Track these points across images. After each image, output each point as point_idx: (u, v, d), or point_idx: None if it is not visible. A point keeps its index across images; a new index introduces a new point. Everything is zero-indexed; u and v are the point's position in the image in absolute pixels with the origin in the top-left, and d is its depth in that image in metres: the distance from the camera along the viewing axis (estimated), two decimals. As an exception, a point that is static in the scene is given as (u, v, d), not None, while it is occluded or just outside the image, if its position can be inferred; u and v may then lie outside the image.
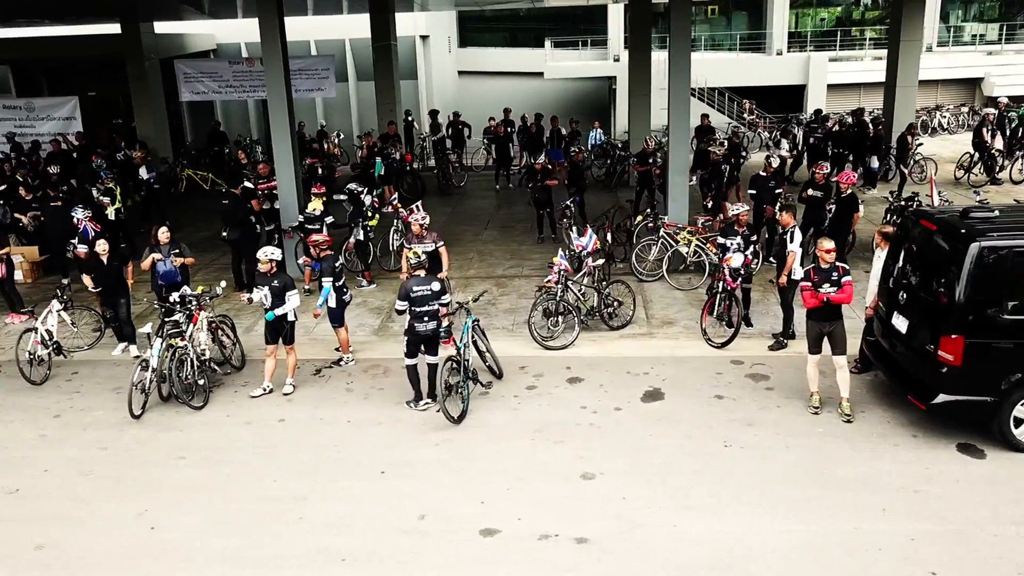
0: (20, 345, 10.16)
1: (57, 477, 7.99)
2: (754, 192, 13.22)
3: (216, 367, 9.95)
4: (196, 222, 17.64)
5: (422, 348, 8.95)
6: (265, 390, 9.61)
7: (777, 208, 11.94)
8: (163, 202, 17.37)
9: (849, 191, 12.04)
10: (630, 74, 20.07)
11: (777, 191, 13.30)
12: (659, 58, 23.12)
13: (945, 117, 27.01)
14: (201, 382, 9.37)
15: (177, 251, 10.92)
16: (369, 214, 13.86)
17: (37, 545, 6.90)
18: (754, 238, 10.84)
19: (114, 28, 21.71)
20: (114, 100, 26.16)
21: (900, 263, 8.71)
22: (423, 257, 9.18)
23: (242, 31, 25.45)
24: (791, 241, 10.13)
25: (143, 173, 16.90)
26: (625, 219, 14.87)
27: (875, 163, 18.38)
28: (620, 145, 21.01)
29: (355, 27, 24.06)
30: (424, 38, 26.61)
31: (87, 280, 10.73)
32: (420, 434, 8.57)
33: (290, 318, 9.47)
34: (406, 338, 8.87)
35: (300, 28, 23.70)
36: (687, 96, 12.98)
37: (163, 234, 10.93)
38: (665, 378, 9.61)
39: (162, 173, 20.11)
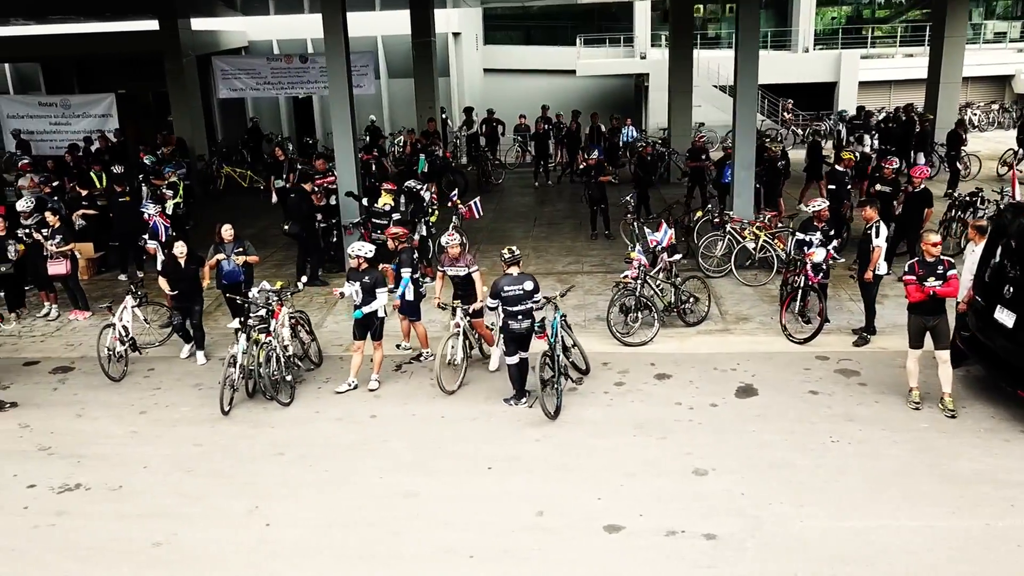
0: (100, 341, 10.07)
1: (158, 474, 7.90)
2: (833, 188, 13.13)
3: (299, 363, 9.86)
4: (239, 219, 17.49)
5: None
6: (350, 386, 9.52)
7: (857, 203, 11.86)
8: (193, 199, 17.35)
9: (922, 186, 11.95)
10: (671, 71, 20.00)
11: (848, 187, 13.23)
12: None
13: (976, 114, 26.96)
14: (288, 378, 9.29)
15: (241, 249, 10.69)
16: (430, 210, 13.79)
17: (155, 542, 6.81)
18: (833, 233, 10.73)
19: (147, 24, 21.66)
20: (144, 98, 26.10)
21: (998, 257, 8.64)
22: (516, 252, 9.08)
23: (273, 28, 25.40)
24: (876, 236, 10.04)
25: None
26: (683, 215, 14.78)
27: (921, 159, 18.28)
28: (659, 142, 20.91)
29: (388, 24, 23.99)
30: (456, 35, 26.51)
31: (164, 283, 10.38)
32: (516, 430, 8.48)
33: (380, 314, 9.38)
34: (501, 335, 8.77)
35: (363, 24, 23.69)
36: (755, 93, 12.92)
37: (227, 231, 10.71)
38: (754, 374, 9.53)
39: (197, 170, 20.12)
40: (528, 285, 8.77)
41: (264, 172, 19.12)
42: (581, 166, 16.91)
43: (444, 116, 23.70)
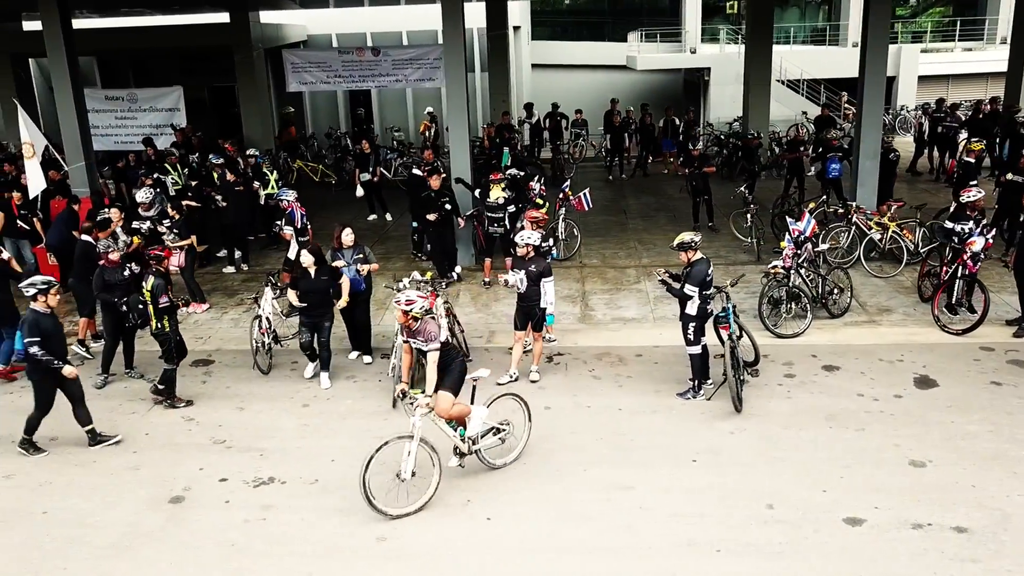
0: (251, 333, 9.86)
1: (350, 467, 7.66)
2: (961, 177, 12.93)
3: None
4: (318, 213, 17.28)
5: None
6: (511, 377, 9.32)
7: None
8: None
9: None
10: (748, 64, 19.80)
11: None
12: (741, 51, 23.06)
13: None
14: (455, 370, 9.07)
15: (361, 256, 9.80)
16: (540, 201, 13.57)
17: (379, 537, 6.60)
18: (986, 222, 10.54)
19: (215, 17, 21.43)
20: (199, 92, 25.82)
21: None
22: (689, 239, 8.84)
23: (332, 22, 25.14)
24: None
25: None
26: (786, 207, 14.56)
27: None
28: (735, 135, 20.70)
29: (480, 15, 23.80)
30: (516, 29, 26.27)
31: (292, 296, 9.35)
32: (705, 422, 8.28)
33: (542, 304, 9.17)
34: (693, 324, 8.55)
35: (425, 17, 23.44)
36: (882, 83, 12.72)
37: (347, 236, 9.81)
38: (924, 365, 9.33)
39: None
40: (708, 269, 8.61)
41: (351, 165, 18.90)
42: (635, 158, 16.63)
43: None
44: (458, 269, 10.40)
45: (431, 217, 12.09)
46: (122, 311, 9.32)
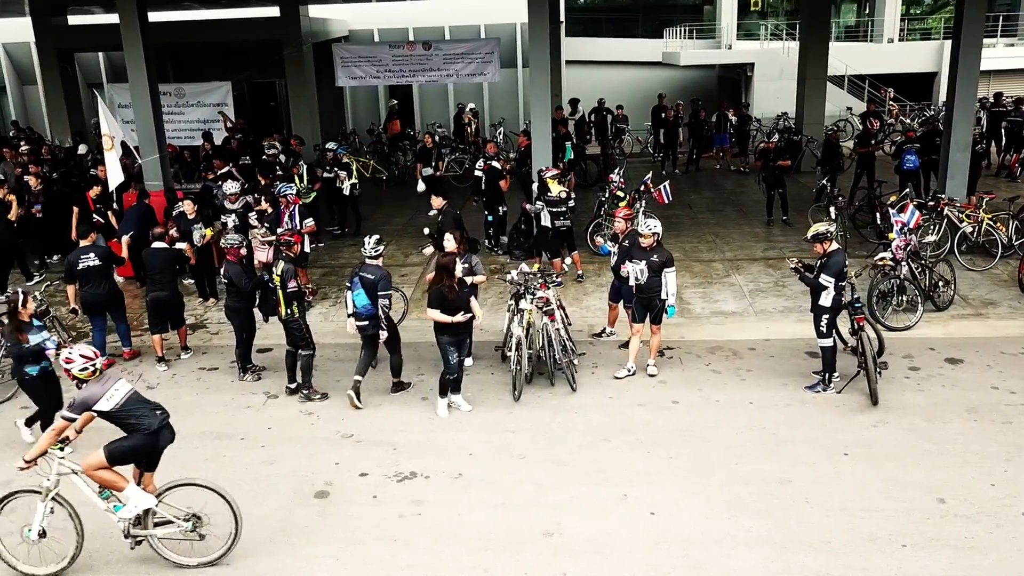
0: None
1: (488, 460, 7.51)
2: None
3: (574, 347, 9.47)
4: (378, 211, 17.15)
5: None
6: (629, 371, 9.14)
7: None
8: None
9: None
10: (806, 59, 19.59)
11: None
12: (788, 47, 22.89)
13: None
14: (575, 362, 8.92)
15: (468, 265, 8.86)
16: (620, 194, 13.41)
17: (546, 532, 6.42)
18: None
19: (257, 12, 21.24)
20: (238, 88, 25.62)
21: None
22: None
23: (374, 17, 24.94)
24: None
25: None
26: (859, 201, 14.40)
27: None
28: (788, 129, 20.52)
29: (516, 10, 23.60)
30: (560, 24, 26.11)
31: (437, 316, 8.03)
32: (841, 415, 8.10)
33: (662, 296, 8.98)
34: (826, 317, 8.38)
35: (471, 10, 23.22)
36: (976, 76, 12.49)
37: (450, 243, 8.89)
38: (1052, 358, 9.17)
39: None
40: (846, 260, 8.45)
41: (409, 160, 18.74)
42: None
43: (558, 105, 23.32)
44: (568, 260, 10.22)
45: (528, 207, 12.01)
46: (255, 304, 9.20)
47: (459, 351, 8.29)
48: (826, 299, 8.35)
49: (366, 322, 8.55)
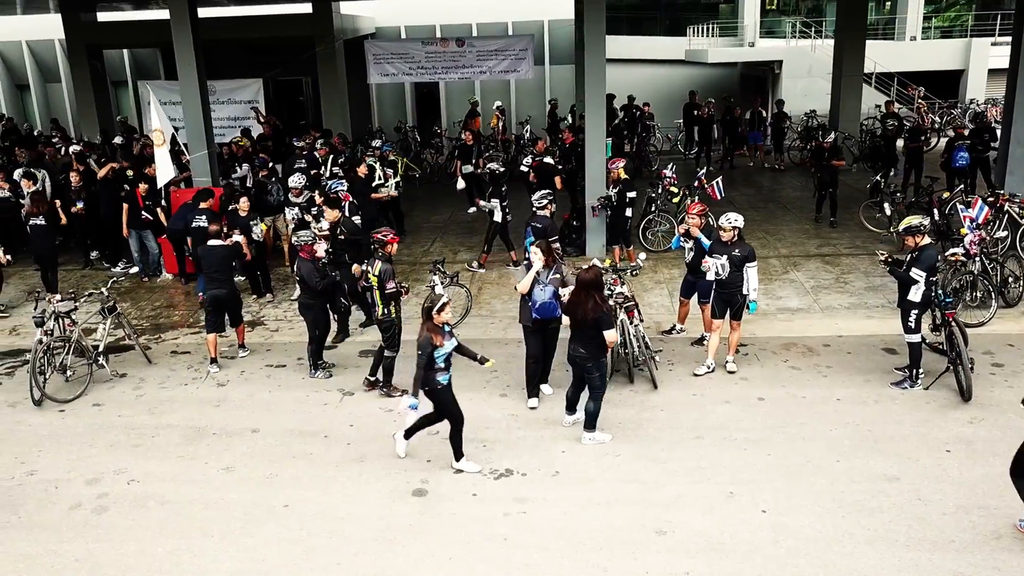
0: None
1: (584, 457, 7.38)
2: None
3: (648, 343, 9.33)
4: (415, 210, 17.02)
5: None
6: (709, 368, 9.02)
7: None
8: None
9: None
10: (842, 57, 19.57)
11: None
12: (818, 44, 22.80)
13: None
14: (656, 358, 8.79)
15: (559, 276, 8.10)
16: (674, 190, 13.32)
17: (658, 530, 6.30)
18: None
19: (289, 8, 21.11)
20: (265, 86, 25.48)
21: None
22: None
23: (401, 15, 24.84)
24: None
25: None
26: (929, 195, 14.25)
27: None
28: (820, 127, 20.40)
29: (554, 8, 23.53)
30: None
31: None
32: (934, 412, 7.98)
33: (744, 291, 8.86)
34: (915, 312, 8.26)
35: (498, 9, 23.07)
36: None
37: (535, 256, 8.09)
38: None
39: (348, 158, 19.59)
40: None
41: (453, 157, 18.60)
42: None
43: (551, 104, 23.22)
44: (642, 256, 10.11)
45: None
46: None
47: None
48: (916, 294, 8.23)
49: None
